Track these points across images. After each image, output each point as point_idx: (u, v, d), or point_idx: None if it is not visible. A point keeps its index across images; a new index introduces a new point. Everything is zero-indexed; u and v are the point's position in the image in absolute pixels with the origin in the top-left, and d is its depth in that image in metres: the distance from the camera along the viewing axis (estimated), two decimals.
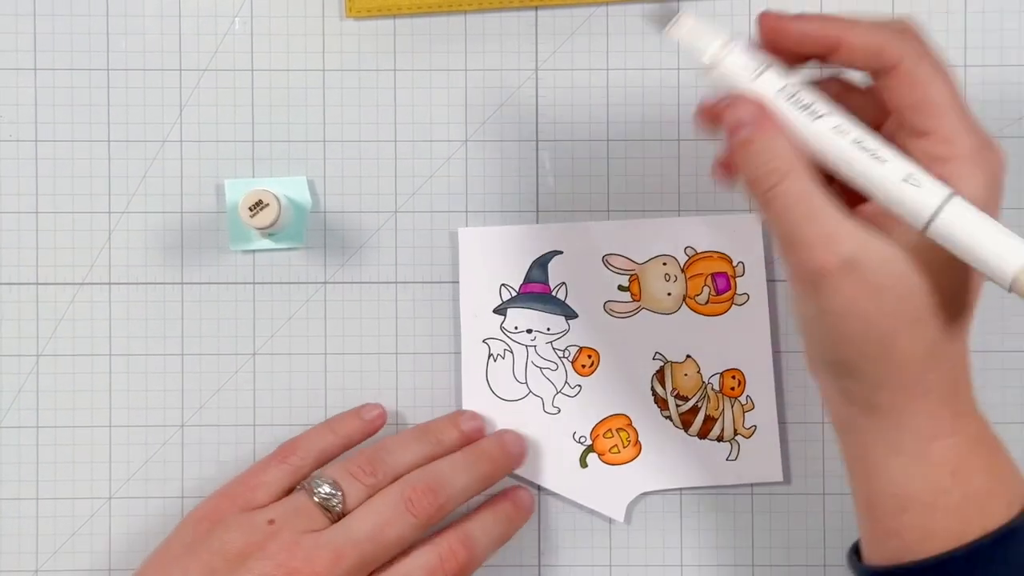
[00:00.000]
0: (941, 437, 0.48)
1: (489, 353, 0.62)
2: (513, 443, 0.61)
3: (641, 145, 0.63)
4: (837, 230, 0.46)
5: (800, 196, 0.46)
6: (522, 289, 0.62)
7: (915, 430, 0.48)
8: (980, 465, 0.48)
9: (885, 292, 0.46)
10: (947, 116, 0.46)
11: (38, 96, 0.62)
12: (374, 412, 0.61)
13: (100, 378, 0.62)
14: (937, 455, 0.48)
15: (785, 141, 0.47)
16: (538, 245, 0.62)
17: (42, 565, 0.62)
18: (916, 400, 0.47)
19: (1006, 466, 0.49)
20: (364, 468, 0.57)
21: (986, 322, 0.62)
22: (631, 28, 0.63)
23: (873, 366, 0.47)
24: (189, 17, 0.63)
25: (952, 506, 0.48)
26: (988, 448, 0.49)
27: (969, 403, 0.49)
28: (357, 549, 0.54)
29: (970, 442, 0.48)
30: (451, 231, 0.63)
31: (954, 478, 0.48)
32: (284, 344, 0.63)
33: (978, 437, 0.49)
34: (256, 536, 0.54)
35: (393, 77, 0.63)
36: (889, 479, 0.49)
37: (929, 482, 0.48)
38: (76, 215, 0.63)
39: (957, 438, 0.48)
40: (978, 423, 0.49)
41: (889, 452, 0.48)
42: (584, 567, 0.63)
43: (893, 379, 0.47)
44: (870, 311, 0.46)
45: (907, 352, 0.47)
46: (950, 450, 0.48)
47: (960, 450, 0.48)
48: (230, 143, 0.63)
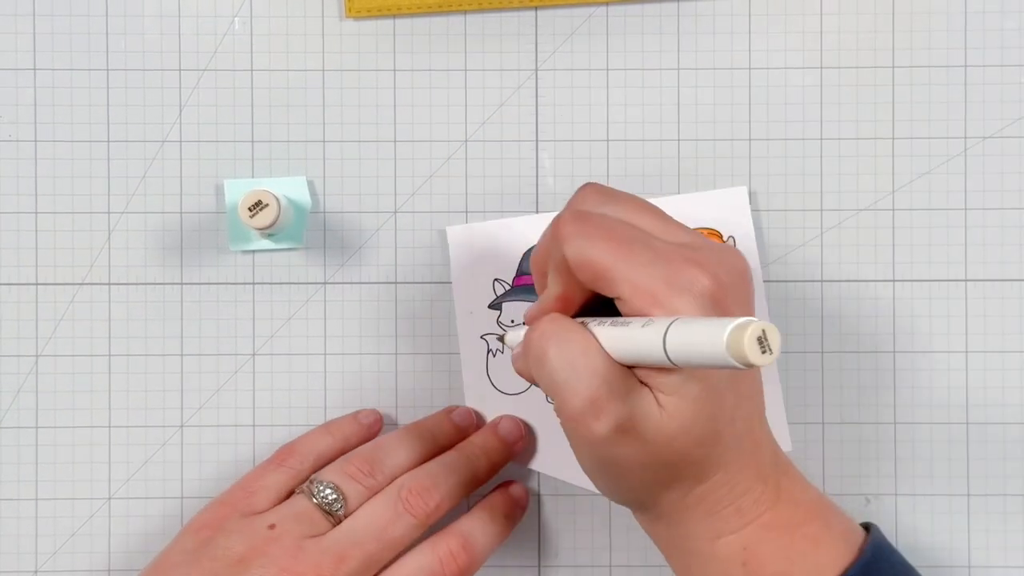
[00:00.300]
0: (724, 535, 0.50)
1: (488, 349, 0.62)
2: (510, 430, 0.61)
3: (641, 145, 0.63)
4: (615, 390, 0.46)
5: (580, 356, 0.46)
6: (515, 282, 0.62)
7: (697, 534, 0.50)
8: (774, 551, 0.49)
9: (652, 442, 0.47)
10: (615, 270, 0.46)
11: (38, 96, 0.62)
12: (371, 418, 0.61)
13: (100, 378, 0.62)
14: (723, 551, 0.50)
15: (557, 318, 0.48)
16: (527, 236, 0.62)
17: (42, 565, 0.62)
18: (691, 509, 0.49)
19: (813, 541, 0.50)
20: (363, 469, 0.57)
21: (986, 322, 0.63)
22: (631, 28, 0.63)
23: (644, 499, 0.50)
24: (189, 17, 0.63)
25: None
26: (785, 531, 0.50)
27: (755, 492, 0.50)
28: (360, 551, 0.54)
29: (761, 531, 0.49)
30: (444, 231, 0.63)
31: (746, 569, 0.49)
32: (284, 344, 0.63)
33: (771, 523, 0.50)
34: (258, 541, 0.54)
35: (393, 77, 0.63)
36: (692, 574, 0.51)
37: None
38: (76, 215, 0.62)
39: (745, 531, 0.49)
40: (771, 509, 0.50)
41: (682, 554, 0.51)
42: (584, 567, 0.63)
43: (663, 501, 0.50)
44: (640, 460, 0.47)
45: (672, 482, 0.49)
46: (736, 544, 0.50)
47: (748, 542, 0.49)
48: (230, 143, 0.63)
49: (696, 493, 0.49)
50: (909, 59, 0.63)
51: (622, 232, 0.47)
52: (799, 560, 0.49)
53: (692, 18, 0.63)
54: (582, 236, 0.47)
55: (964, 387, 0.63)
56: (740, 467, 0.49)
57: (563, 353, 0.47)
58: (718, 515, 0.49)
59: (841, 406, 0.62)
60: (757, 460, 0.50)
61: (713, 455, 0.48)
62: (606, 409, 0.46)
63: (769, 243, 0.62)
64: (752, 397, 0.50)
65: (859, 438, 0.62)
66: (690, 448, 0.47)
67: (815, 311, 0.63)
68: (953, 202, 0.63)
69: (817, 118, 0.63)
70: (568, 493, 0.63)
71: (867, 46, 0.63)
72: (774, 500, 0.50)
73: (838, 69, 0.63)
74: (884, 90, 0.63)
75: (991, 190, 0.63)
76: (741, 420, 0.49)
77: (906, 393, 0.63)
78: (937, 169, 0.63)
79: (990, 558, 0.62)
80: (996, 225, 0.63)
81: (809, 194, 0.63)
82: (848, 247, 0.63)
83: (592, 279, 0.47)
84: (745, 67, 0.63)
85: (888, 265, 0.63)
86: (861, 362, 0.62)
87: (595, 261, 0.47)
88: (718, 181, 0.62)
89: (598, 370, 0.46)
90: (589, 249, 0.47)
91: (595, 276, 0.47)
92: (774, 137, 0.63)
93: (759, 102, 0.63)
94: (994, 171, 0.63)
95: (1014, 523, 0.62)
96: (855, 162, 0.63)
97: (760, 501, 0.50)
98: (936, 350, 0.63)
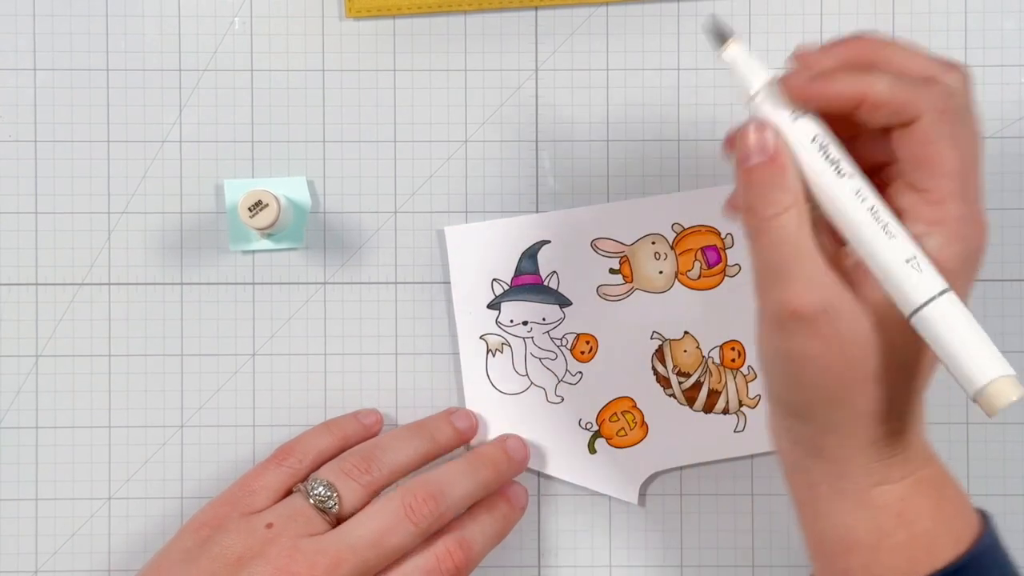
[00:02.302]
0: (886, 482, 0.49)
1: (487, 349, 0.62)
2: (516, 448, 0.61)
3: (641, 145, 0.63)
4: (818, 277, 0.46)
5: (793, 234, 0.46)
6: (514, 282, 0.62)
7: (859, 476, 0.49)
8: (926, 507, 0.49)
9: (848, 347, 0.46)
10: (946, 180, 0.46)
11: (38, 96, 0.62)
12: (371, 417, 0.61)
13: (100, 379, 0.62)
14: (881, 499, 0.49)
15: (794, 177, 0.47)
16: (526, 236, 0.62)
17: (42, 566, 0.62)
18: (862, 449, 0.48)
19: (955, 505, 0.50)
20: (359, 466, 0.57)
21: (986, 323, 0.62)
22: (631, 28, 0.63)
23: (824, 413, 0.48)
24: (189, 17, 0.63)
25: (898, 547, 0.48)
26: (936, 489, 0.50)
27: (918, 448, 0.50)
28: (357, 556, 0.54)
29: (917, 485, 0.49)
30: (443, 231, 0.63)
31: (899, 520, 0.49)
32: (283, 344, 0.63)
33: (926, 479, 0.49)
34: (255, 541, 0.54)
35: (393, 77, 0.63)
36: (834, 521, 0.50)
37: (874, 525, 0.49)
38: (76, 215, 0.62)
39: (903, 482, 0.49)
40: (927, 465, 0.50)
41: (833, 495, 0.49)
42: (584, 567, 0.63)
43: (841, 428, 0.48)
44: (830, 362, 0.47)
45: (858, 406, 0.48)
46: (895, 494, 0.49)
47: (905, 493, 0.49)
48: (230, 143, 0.63)
49: (875, 433, 0.48)
50: None
51: (970, 160, 0.47)
52: (944, 520, 0.49)
53: (692, 18, 0.63)
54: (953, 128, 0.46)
55: None
56: (915, 419, 0.49)
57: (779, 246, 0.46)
58: (886, 462, 0.48)
59: None
60: (923, 416, 0.50)
61: (899, 388, 0.48)
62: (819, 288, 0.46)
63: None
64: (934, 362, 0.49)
65: None
66: (885, 356, 0.47)
67: None
68: None
69: None
70: (568, 493, 0.63)
71: None
72: (929, 458, 0.50)
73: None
74: None
75: (991, 190, 0.63)
76: (922, 378, 0.49)
77: None
78: None
79: None
80: (996, 225, 0.62)
81: None
82: None
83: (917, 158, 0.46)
84: None
85: None
86: None
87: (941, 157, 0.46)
88: (718, 181, 0.62)
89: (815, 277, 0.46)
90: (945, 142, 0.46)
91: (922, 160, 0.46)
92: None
93: None
94: (994, 171, 0.63)
95: (1014, 523, 0.62)
96: None
97: (920, 456, 0.49)
98: None
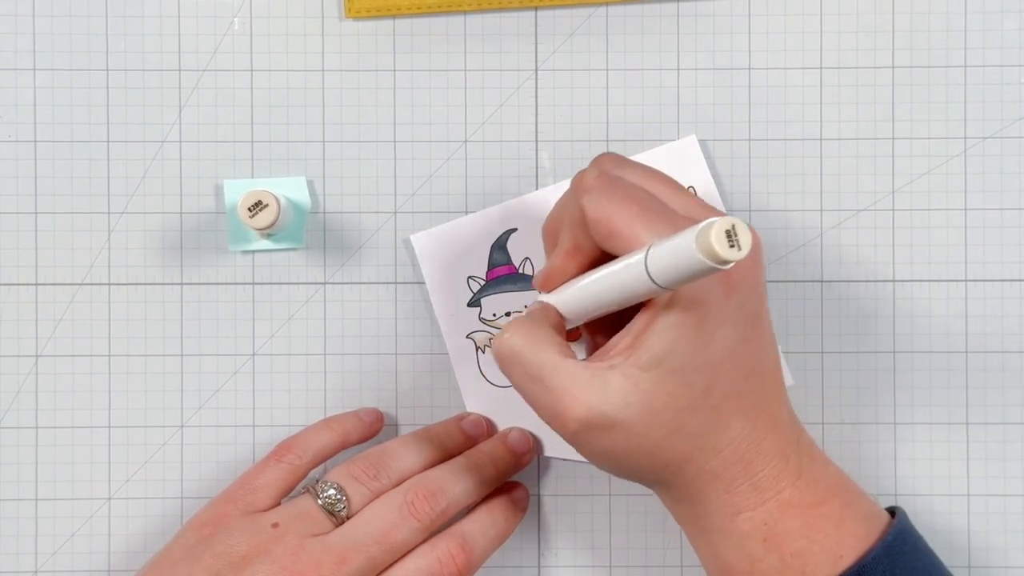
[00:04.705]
0: (744, 511, 0.50)
1: (476, 347, 0.62)
2: (519, 441, 0.61)
3: (641, 145, 0.63)
4: (573, 385, 0.48)
5: (531, 354, 0.49)
6: (489, 275, 0.62)
7: (716, 511, 0.50)
8: (794, 528, 0.50)
9: (631, 424, 0.48)
10: (632, 233, 0.48)
11: (38, 96, 0.62)
12: (372, 415, 0.61)
13: (99, 379, 0.62)
14: (744, 528, 0.50)
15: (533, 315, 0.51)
16: (492, 229, 0.62)
17: (41, 566, 0.62)
18: (707, 487, 0.50)
19: (833, 521, 0.50)
20: (367, 471, 0.57)
21: (986, 323, 0.63)
22: (631, 28, 0.63)
23: (656, 478, 0.51)
24: (188, 17, 0.63)
25: (771, 572, 0.50)
26: (804, 508, 0.50)
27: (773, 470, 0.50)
28: (362, 553, 0.54)
29: (780, 507, 0.50)
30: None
31: (766, 545, 0.50)
32: (283, 345, 0.63)
33: (791, 500, 0.50)
34: (260, 539, 0.55)
35: (393, 77, 0.63)
36: (710, 553, 0.52)
37: (743, 552, 0.50)
38: (75, 215, 0.62)
39: (764, 507, 0.50)
40: (792, 485, 0.50)
41: (703, 531, 0.51)
42: (584, 567, 0.63)
43: (677, 480, 0.50)
44: (626, 444, 0.49)
45: (677, 458, 0.49)
46: (756, 520, 0.50)
47: (769, 518, 0.50)
48: (229, 143, 0.63)
49: (709, 470, 0.49)
50: (909, 59, 0.63)
51: (642, 197, 0.49)
52: (819, 539, 0.50)
53: (692, 18, 0.63)
54: (604, 193, 0.49)
55: (964, 387, 0.62)
56: (754, 443, 0.50)
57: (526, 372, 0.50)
58: (736, 492, 0.50)
59: (841, 406, 0.62)
60: (776, 437, 0.50)
61: (705, 426, 0.49)
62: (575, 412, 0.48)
63: (769, 243, 0.62)
64: (758, 372, 0.50)
65: (859, 439, 0.62)
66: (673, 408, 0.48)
67: (815, 311, 0.63)
68: (953, 202, 0.63)
69: (817, 118, 0.63)
70: (568, 493, 0.63)
71: (867, 46, 0.63)
72: (795, 478, 0.50)
73: (838, 69, 0.63)
74: (884, 90, 0.63)
75: (991, 190, 0.63)
76: (749, 395, 0.49)
77: (906, 393, 0.63)
78: (937, 169, 0.63)
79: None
80: (996, 225, 0.63)
81: (809, 194, 0.63)
82: (848, 247, 0.63)
83: (607, 236, 0.48)
84: (745, 67, 0.63)
85: (888, 265, 0.63)
86: (861, 362, 0.62)
87: (613, 219, 0.48)
88: (719, 181, 0.62)
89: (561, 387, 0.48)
90: (609, 207, 0.48)
91: (610, 234, 0.48)
92: (774, 137, 0.63)
93: (759, 102, 0.63)
94: (994, 171, 0.63)
95: (1014, 523, 0.62)
96: (855, 162, 0.63)
97: (779, 478, 0.50)
98: (936, 350, 0.62)
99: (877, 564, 0.49)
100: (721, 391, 0.49)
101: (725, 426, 0.49)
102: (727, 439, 0.49)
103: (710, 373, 0.48)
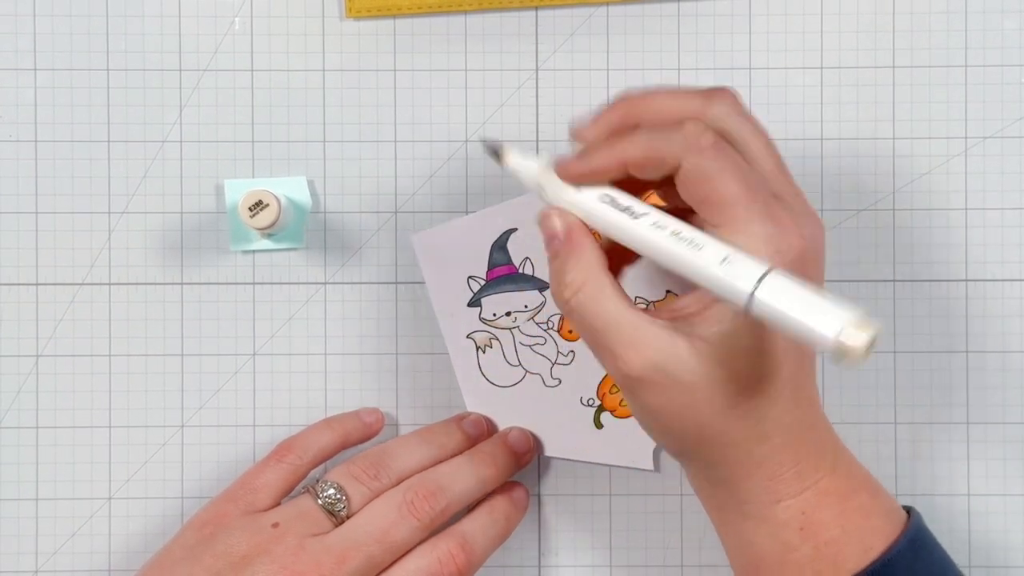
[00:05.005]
0: (784, 499, 0.50)
1: (476, 347, 0.62)
2: (519, 440, 0.61)
3: None
4: (638, 337, 0.47)
5: (592, 308, 0.48)
6: (489, 275, 0.62)
7: (757, 497, 0.50)
8: (830, 517, 0.50)
9: (691, 389, 0.47)
10: (731, 210, 0.47)
11: (38, 96, 0.62)
12: (373, 415, 0.61)
13: (100, 379, 0.62)
14: (783, 515, 0.50)
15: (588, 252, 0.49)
16: (492, 228, 0.62)
17: (42, 566, 0.62)
18: (751, 472, 0.49)
19: (864, 512, 0.50)
20: (368, 471, 0.57)
21: (986, 323, 0.63)
22: (631, 28, 0.63)
23: (699, 451, 0.50)
24: (189, 17, 0.63)
25: (804, 561, 0.50)
26: (839, 498, 0.50)
27: (814, 459, 0.50)
28: (362, 552, 0.54)
29: (818, 496, 0.50)
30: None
31: (803, 534, 0.49)
32: (284, 344, 0.63)
33: (828, 489, 0.50)
34: (261, 539, 0.55)
35: (393, 77, 0.63)
36: (743, 540, 0.51)
37: (778, 541, 0.50)
38: (76, 215, 0.62)
39: (803, 496, 0.50)
40: (829, 475, 0.50)
41: (737, 518, 0.51)
42: (584, 567, 0.63)
43: (721, 459, 0.50)
44: (680, 407, 0.48)
45: (727, 436, 0.49)
46: (795, 509, 0.50)
47: (807, 507, 0.50)
48: (230, 143, 0.63)
49: (756, 455, 0.49)
50: (909, 59, 0.63)
51: (753, 180, 0.48)
52: (852, 528, 0.50)
53: (692, 18, 0.63)
54: (715, 163, 0.47)
55: (964, 387, 0.63)
56: (802, 431, 0.49)
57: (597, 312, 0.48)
58: (780, 479, 0.49)
59: (841, 406, 0.62)
60: (820, 426, 0.50)
61: (762, 410, 0.48)
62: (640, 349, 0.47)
63: None
64: (808, 357, 0.50)
65: (859, 438, 0.62)
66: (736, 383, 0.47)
67: None
68: (953, 202, 0.63)
69: (817, 118, 0.63)
70: (568, 493, 0.63)
71: (867, 46, 0.63)
72: (831, 468, 0.50)
73: (838, 69, 0.63)
74: (884, 90, 0.63)
75: (991, 190, 0.63)
76: (805, 381, 0.49)
77: (906, 393, 0.63)
78: (937, 169, 0.63)
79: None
80: (996, 225, 0.63)
81: (809, 194, 0.62)
82: (848, 247, 0.63)
83: (699, 198, 0.47)
84: (745, 67, 0.63)
85: (888, 265, 0.63)
86: None
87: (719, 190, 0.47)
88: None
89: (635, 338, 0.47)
90: (717, 175, 0.47)
91: (704, 199, 0.47)
92: (774, 137, 0.63)
93: (759, 102, 0.63)
94: (994, 171, 0.63)
95: (1014, 523, 0.62)
96: (855, 162, 0.63)
97: (819, 467, 0.50)
98: (936, 350, 0.63)
99: (901, 557, 0.49)
100: (782, 378, 0.48)
101: (781, 412, 0.49)
102: (780, 427, 0.49)
103: (774, 360, 0.48)
